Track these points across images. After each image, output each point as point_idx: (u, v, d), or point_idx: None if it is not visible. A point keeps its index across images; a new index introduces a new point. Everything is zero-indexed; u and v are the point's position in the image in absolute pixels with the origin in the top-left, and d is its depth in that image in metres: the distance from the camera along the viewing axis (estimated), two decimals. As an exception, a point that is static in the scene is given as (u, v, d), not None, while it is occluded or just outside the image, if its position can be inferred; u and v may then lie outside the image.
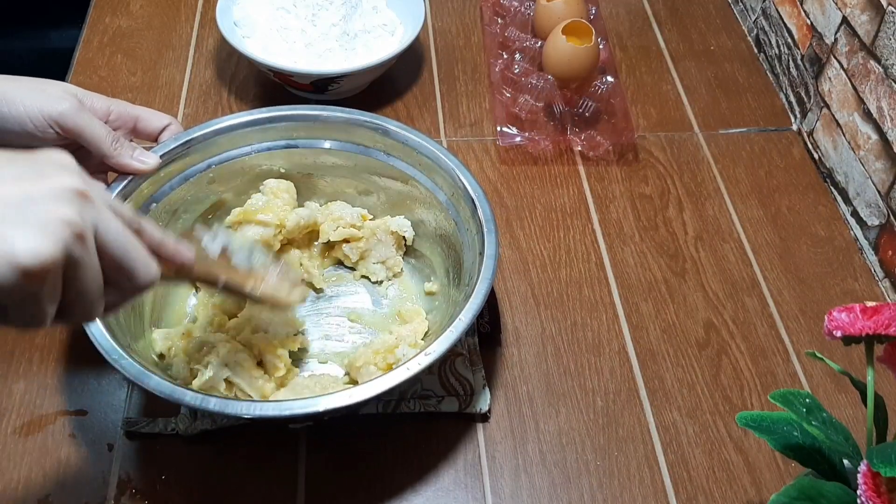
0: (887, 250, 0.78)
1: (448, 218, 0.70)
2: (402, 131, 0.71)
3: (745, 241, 0.82)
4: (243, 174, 0.73)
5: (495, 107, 0.91)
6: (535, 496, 0.63)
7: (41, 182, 0.39)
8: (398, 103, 0.93)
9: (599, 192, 0.85)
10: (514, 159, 0.88)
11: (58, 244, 0.38)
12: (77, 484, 0.62)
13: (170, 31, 1.01)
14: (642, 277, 0.78)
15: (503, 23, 1.00)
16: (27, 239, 0.37)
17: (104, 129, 0.62)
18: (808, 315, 0.76)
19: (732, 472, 0.65)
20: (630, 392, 0.69)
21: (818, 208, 0.85)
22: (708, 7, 1.09)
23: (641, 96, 0.96)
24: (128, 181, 0.65)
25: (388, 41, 0.93)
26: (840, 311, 0.47)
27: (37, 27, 1.46)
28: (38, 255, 0.37)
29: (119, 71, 0.95)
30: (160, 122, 0.67)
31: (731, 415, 0.68)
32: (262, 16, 0.92)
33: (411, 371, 0.55)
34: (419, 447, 0.65)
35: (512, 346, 0.72)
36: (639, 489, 0.64)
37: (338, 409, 0.54)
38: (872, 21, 0.80)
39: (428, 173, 0.71)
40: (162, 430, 0.64)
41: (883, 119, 0.78)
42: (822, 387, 0.71)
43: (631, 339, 0.73)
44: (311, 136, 0.73)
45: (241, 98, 0.93)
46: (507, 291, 0.76)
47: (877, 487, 0.43)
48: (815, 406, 0.49)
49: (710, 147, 0.91)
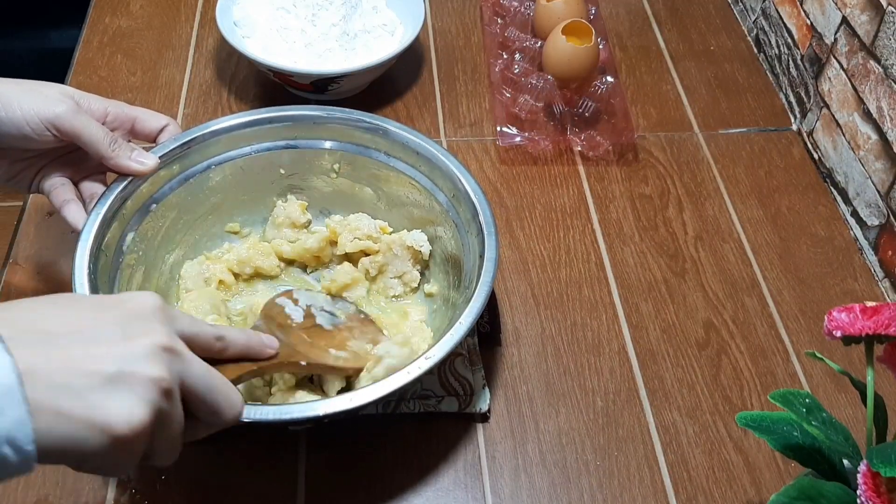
0: (887, 250, 0.78)
1: (448, 219, 0.70)
2: (402, 132, 0.71)
3: (745, 241, 0.82)
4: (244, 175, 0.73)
5: (495, 107, 0.91)
6: (535, 496, 0.63)
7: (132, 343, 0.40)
8: (398, 103, 0.93)
9: (599, 192, 0.85)
10: (514, 159, 0.88)
11: (149, 407, 0.39)
12: (77, 484, 0.62)
13: (170, 31, 1.01)
14: (642, 277, 0.78)
15: (503, 23, 1.00)
16: (121, 407, 0.38)
17: (102, 130, 0.61)
18: (808, 315, 0.76)
19: (732, 472, 0.65)
20: (630, 392, 0.69)
21: (818, 208, 0.85)
22: (708, 7, 1.09)
23: (641, 96, 0.96)
24: (127, 182, 0.65)
25: (387, 41, 0.93)
26: (840, 311, 0.47)
27: (37, 27, 1.46)
28: (131, 422, 0.38)
29: (119, 71, 0.95)
30: (158, 122, 0.67)
31: (731, 415, 0.68)
32: (262, 16, 0.92)
33: (412, 374, 0.55)
34: (419, 447, 0.65)
35: (512, 346, 0.72)
36: (639, 489, 0.64)
37: (338, 413, 0.54)
38: (872, 21, 0.80)
39: (428, 174, 0.71)
40: (162, 431, 0.64)
41: (883, 119, 0.78)
42: (822, 387, 0.71)
43: (631, 339, 0.73)
44: (311, 137, 0.73)
45: (241, 98, 0.93)
46: (507, 291, 0.76)
47: (877, 487, 0.43)
48: (814, 406, 0.49)
49: (709, 147, 0.91)
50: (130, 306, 0.42)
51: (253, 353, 0.51)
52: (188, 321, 0.45)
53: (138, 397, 0.38)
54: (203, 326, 0.47)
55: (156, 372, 0.39)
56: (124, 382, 0.38)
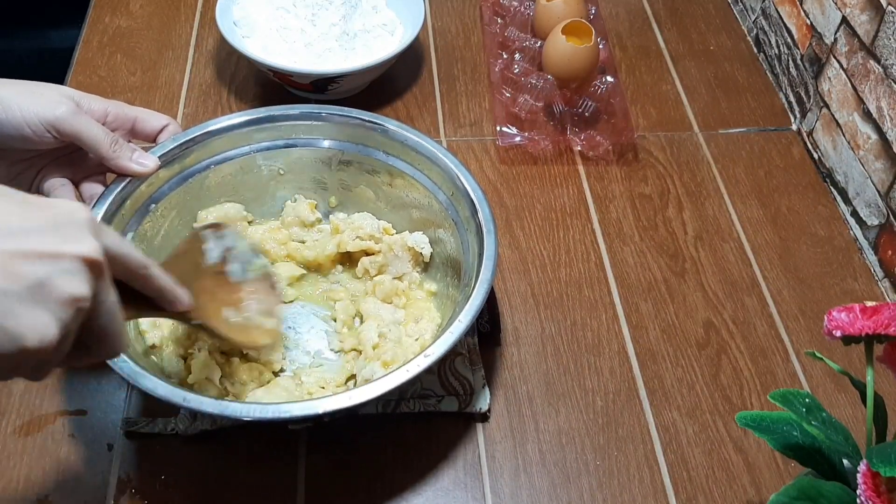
0: (887, 250, 0.78)
1: (447, 218, 0.70)
2: (402, 131, 0.71)
3: (745, 240, 0.82)
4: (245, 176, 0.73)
5: (495, 107, 0.91)
6: (535, 496, 0.63)
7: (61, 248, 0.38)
8: (398, 103, 0.93)
9: (599, 191, 0.85)
10: (514, 159, 0.88)
11: (61, 325, 0.38)
12: (77, 484, 0.62)
13: (169, 30, 1.01)
14: (642, 277, 0.78)
15: (503, 23, 1.00)
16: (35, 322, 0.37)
17: (102, 131, 0.61)
18: (808, 315, 0.76)
19: (732, 471, 0.65)
20: (630, 392, 0.69)
21: (818, 208, 0.85)
22: (708, 7, 1.09)
23: (641, 96, 0.96)
24: (126, 182, 0.65)
25: (387, 41, 0.93)
26: (840, 311, 0.47)
27: (37, 27, 1.46)
28: (43, 340, 0.37)
29: (119, 71, 0.95)
30: (158, 122, 0.67)
31: (731, 415, 0.68)
32: (262, 16, 0.92)
33: (411, 373, 0.55)
34: (419, 447, 0.65)
35: (512, 346, 0.72)
36: (638, 489, 0.64)
37: (337, 411, 0.54)
38: (872, 21, 0.80)
39: (428, 174, 0.71)
40: (161, 430, 0.64)
41: (882, 119, 0.78)
42: (821, 387, 0.71)
43: (631, 339, 0.73)
44: (311, 136, 0.73)
45: (241, 98, 0.93)
46: (507, 291, 0.76)
47: (876, 487, 0.43)
48: (814, 406, 0.49)
49: (709, 147, 0.91)
50: (63, 210, 0.40)
51: (164, 300, 0.50)
52: (117, 239, 0.44)
53: (53, 315, 0.38)
54: (132, 249, 0.46)
55: (77, 290, 0.39)
56: (44, 296, 0.37)
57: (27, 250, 0.38)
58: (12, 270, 0.37)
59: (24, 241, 0.38)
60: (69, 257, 0.39)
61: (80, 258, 0.39)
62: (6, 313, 0.37)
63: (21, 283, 0.37)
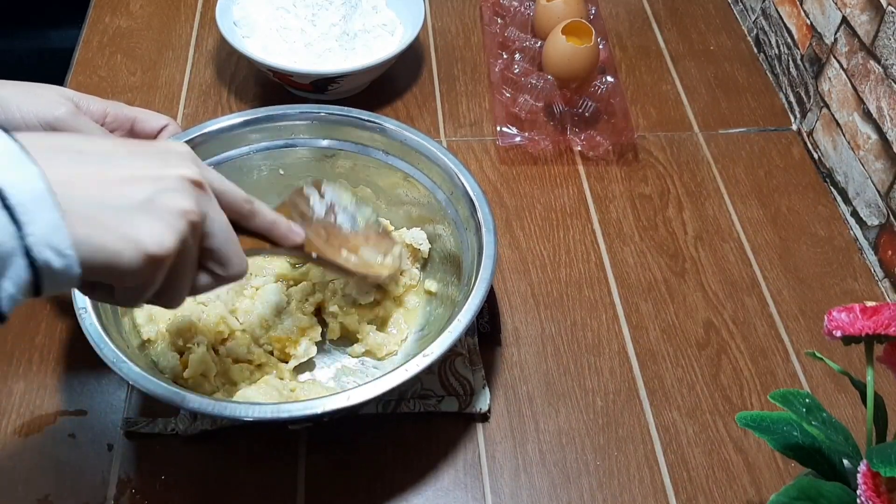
0: (887, 250, 0.78)
1: (446, 218, 0.70)
2: (402, 131, 0.71)
3: (745, 241, 0.82)
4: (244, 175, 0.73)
5: (495, 107, 0.91)
6: (535, 496, 0.63)
7: (164, 172, 0.41)
8: (398, 103, 0.93)
9: (599, 191, 0.85)
10: (514, 159, 0.88)
11: (178, 234, 0.40)
12: (77, 484, 0.62)
13: (169, 31, 1.01)
14: (642, 277, 0.78)
15: (503, 23, 1.00)
16: (153, 229, 0.39)
17: (100, 133, 0.62)
18: (808, 315, 0.76)
19: (732, 472, 0.65)
20: (630, 392, 0.69)
21: (818, 208, 0.85)
22: (708, 7, 1.09)
23: (641, 96, 0.96)
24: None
25: (387, 41, 0.93)
26: (840, 311, 0.47)
27: (37, 27, 1.46)
28: (163, 244, 0.39)
29: (119, 71, 0.95)
30: (158, 123, 0.67)
31: (731, 415, 0.68)
32: (262, 16, 0.92)
33: (410, 372, 0.55)
34: (419, 447, 0.65)
35: (512, 346, 0.72)
36: (639, 489, 0.64)
37: (337, 410, 0.54)
38: (872, 21, 0.80)
39: (427, 173, 0.71)
40: (161, 431, 0.64)
41: (883, 119, 0.78)
42: (822, 387, 0.71)
43: (631, 339, 0.73)
44: (311, 136, 0.73)
45: (241, 98, 0.93)
46: (507, 291, 0.76)
47: (876, 487, 0.43)
48: (814, 406, 0.49)
49: (709, 147, 0.91)
50: (164, 146, 0.43)
51: (275, 235, 0.51)
52: (219, 176, 0.46)
53: (167, 224, 0.40)
54: (233, 186, 0.47)
55: (186, 204, 0.41)
56: (156, 208, 0.39)
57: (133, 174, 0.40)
58: (122, 192, 0.39)
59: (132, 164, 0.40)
60: (173, 177, 0.41)
61: (184, 178, 0.41)
62: (123, 222, 0.38)
63: (131, 200, 0.39)
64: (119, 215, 0.38)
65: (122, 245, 0.38)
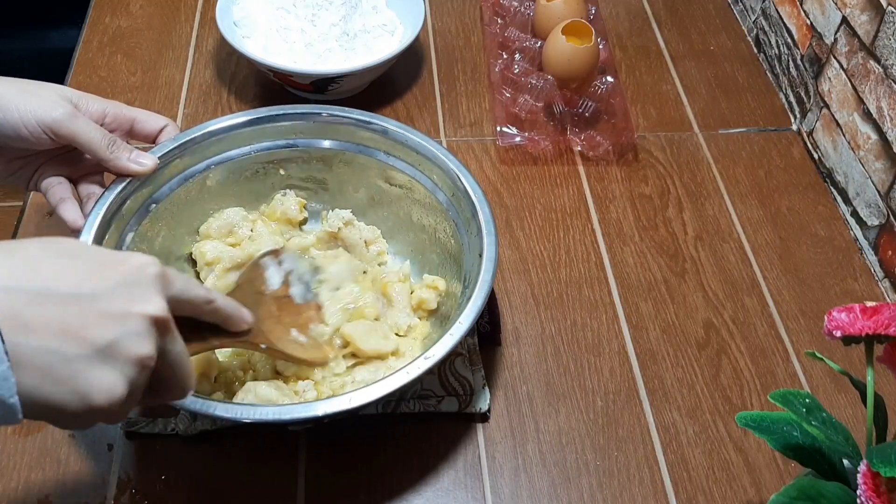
0: (887, 250, 0.78)
1: (447, 219, 0.70)
2: (402, 131, 0.71)
3: (745, 241, 0.82)
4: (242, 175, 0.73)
5: (495, 107, 0.91)
6: (535, 496, 0.63)
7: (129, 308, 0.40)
8: (398, 103, 0.93)
9: (599, 192, 0.85)
10: (514, 159, 0.88)
11: (129, 383, 0.40)
12: (77, 484, 0.62)
13: (170, 31, 1.01)
14: (642, 277, 0.78)
15: (503, 23, 1.00)
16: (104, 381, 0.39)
17: (99, 132, 0.61)
18: (808, 315, 0.76)
19: (732, 472, 0.65)
20: (630, 392, 0.69)
21: (818, 208, 0.85)
22: (708, 7, 1.09)
23: (641, 96, 0.96)
24: (126, 182, 0.65)
25: (387, 41, 0.93)
26: (840, 311, 0.47)
27: (37, 27, 1.46)
28: (111, 397, 0.39)
29: (119, 71, 0.95)
30: (157, 123, 0.67)
31: (731, 415, 0.68)
32: (262, 16, 0.92)
33: (411, 375, 0.55)
34: (419, 447, 0.65)
35: (512, 346, 0.72)
36: (639, 489, 0.64)
37: (337, 413, 0.54)
38: (872, 21, 0.80)
39: (428, 173, 0.71)
40: (162, 431, 0.64)
41: (883, 119, 0.78)
42: (822, 387, 0.71)
43: (631, 339, 0.73)
44: (311, 136, 0.73)
45: (241, 98, 0.93)
46: (507, 291, 0.76)
47: (876, 487, 0.43)
48: (814, 406, 0.49)
49: (709, 147, 0.91)
50: (132, 267, 0.42)
51: (230, 324, 0.52)
52: (183, 283, 0.45)
53: (121, 374, 0.39)
54: (197, 290, 0.47)
55: (144, 350, 0.40)
56: (114, 355, 0.39)
57: (98, 312, 0.39)
58: (83, 335, 0.38)
59: (95, 304, 0.39)
60: (137, 317, 0.40)
61: (148, 318, 0.41)
62: (75, 375, 0.38)
63: (91, 347, 0.39)
64: (73, 366, 0.38)
65: (69, 398, 0.38)
